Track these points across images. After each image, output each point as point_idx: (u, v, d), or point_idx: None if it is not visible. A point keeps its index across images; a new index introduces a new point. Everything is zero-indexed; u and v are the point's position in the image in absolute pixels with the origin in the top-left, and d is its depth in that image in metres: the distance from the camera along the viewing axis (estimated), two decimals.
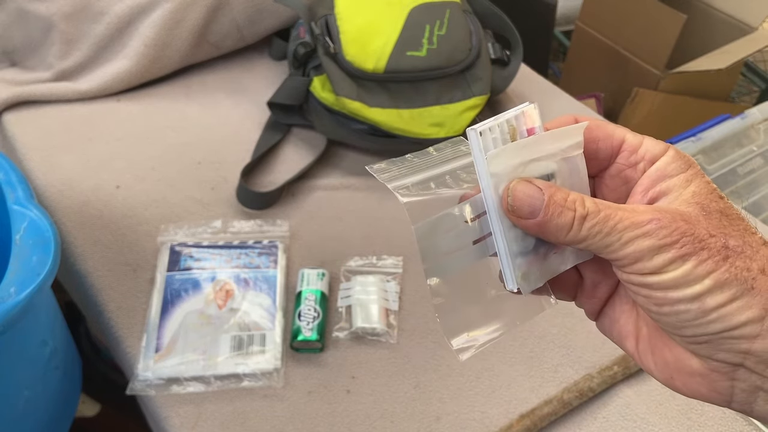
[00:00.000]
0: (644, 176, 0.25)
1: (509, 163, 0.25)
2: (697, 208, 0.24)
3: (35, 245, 0.45)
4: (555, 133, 0.25)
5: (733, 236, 0.23)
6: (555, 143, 0.25)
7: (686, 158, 0.25)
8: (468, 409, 0.54)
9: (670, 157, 0.25)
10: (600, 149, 0.26)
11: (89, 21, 0.78)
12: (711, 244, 0.23)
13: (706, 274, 0.22)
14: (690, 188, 0.24)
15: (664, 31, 1.24)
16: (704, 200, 0.24)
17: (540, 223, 0.24)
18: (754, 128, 1.04)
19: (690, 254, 0.23)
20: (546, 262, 0.27)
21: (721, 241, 0.23)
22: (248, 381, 0.54)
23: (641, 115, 1.28)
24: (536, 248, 0.26)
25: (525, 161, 0.25)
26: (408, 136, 0.70)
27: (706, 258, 0.23)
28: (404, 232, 0.67)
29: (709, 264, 0.23)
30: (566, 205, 0.23)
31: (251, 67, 0.87)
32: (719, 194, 0.25)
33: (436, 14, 0.72)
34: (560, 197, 0.24)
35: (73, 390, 0.61)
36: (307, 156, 0.75)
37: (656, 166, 0.25)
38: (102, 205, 0.67)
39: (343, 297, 0.60)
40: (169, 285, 0.58)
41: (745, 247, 0.23)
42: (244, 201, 0.68)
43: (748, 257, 0.23)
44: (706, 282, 0.22)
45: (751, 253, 0.23)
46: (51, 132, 0.75)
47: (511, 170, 0.25)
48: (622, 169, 0.26)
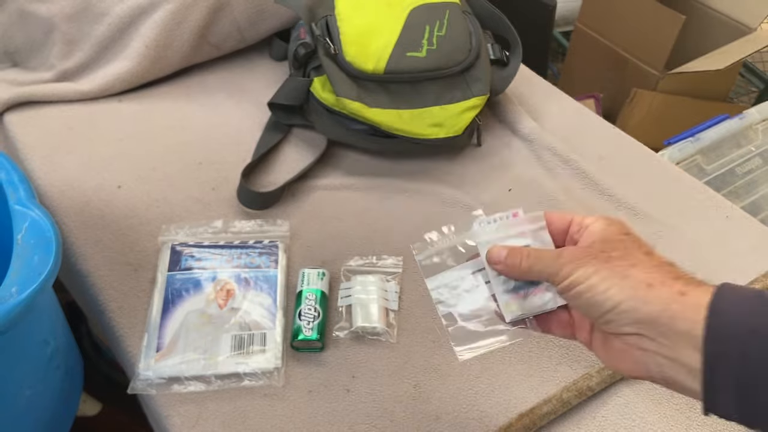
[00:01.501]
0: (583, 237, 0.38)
1: (495, 236, 0.41)
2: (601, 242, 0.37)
3: (37, 245, 0.45)
4: (526, 217, 0.41)
5: (618, 250, 0.36)
6: (526, 225, 0.41)
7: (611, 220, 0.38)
8: (467, 408, 0.54)
9: (599, 221, 0.38)
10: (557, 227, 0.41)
11: (90, 22, 0.79)
12: (598, 256, 0.36)
13: (593, 273, 0.35)
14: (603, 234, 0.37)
15: (662, 31, 1.24)
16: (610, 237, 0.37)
17: (504, 264, 0.40)
18: (753, 128, 1.04)
19: (583, 263, 0.36)
20: (526, 300, 0.40)
21: (607, 254, 0.36)
22: (249, 380, 0.54)
23: (640, 115, 1.28)
24: (516, 289, 0.41)
25: (508, 235, 0.41)
26: (408, 137, 0.70)
27: (594, 264, 0.35)
28: (404, 232, 0.68)
29: (595, 266, 0.35)
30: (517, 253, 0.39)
31: (252, 68, 0.87)
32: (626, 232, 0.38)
33: (436, 15, 0.72)
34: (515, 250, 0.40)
35: (74, 389, 0.62)
36: (307, 156, 0.75)
37: (589, 229, 0.38)
38: (103, 205, 0.67)
39: (343, 296, 0.60)
40: (170, 285, 0.59)
41: (625, 254, 0.36)
42: (245, 201, 0.68)
43: (625, 259, 0.35)
44: (593, 277, 0.35)
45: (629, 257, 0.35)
46: (52, 132, 0.75)
47: (497, 241, 0.41)
48: (572, 235, 0.39)
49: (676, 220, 0.70)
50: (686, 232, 0.69)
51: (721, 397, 0.32)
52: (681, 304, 0.33)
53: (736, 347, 0.31)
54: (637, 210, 0.71)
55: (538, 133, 0.78)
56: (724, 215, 0.71)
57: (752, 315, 0.32)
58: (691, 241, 0.68)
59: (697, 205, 0.72)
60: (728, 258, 0.67)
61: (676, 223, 0.70)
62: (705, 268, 0.66)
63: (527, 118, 0.80)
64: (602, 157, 0.78)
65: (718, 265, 0.66)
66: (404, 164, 0.75)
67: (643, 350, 0.34)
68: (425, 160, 0.76)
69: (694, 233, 0.69)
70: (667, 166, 0.77)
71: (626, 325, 0.34)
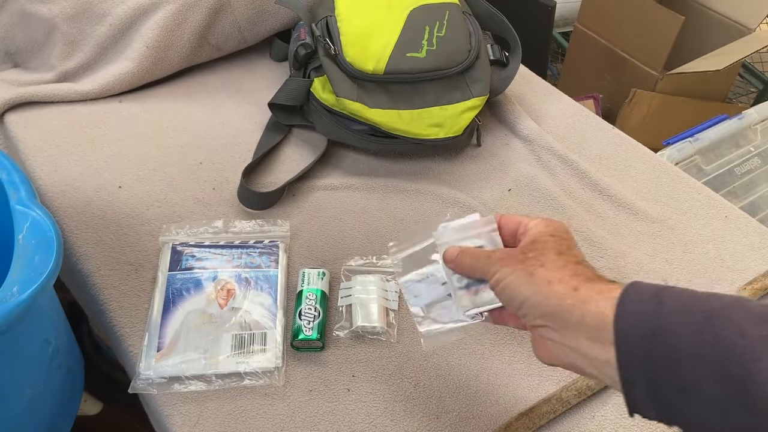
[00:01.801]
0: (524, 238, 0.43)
1: (454, 237, 0.46)
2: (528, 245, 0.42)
3: (38, 245, 0.45)
4: (481, 220, 0.46)
5: (533, 251, 0.41)
6: (481, 228, 0.46)
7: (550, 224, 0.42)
8: (467, 407, 0.54)
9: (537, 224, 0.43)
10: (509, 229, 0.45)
11: (91, 22, 0.79)
12: (517, 257, 0.41)
13: (510, 272, 0.40)
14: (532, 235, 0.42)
15: (662, 32, 1.25)
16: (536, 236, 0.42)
17: (454, 263, 0.45)
18: (752, 129, 1.04)
19: (504, 264, 0.41)
20: (477, 296, 0.45)
21: (524, 255, 0.41)
22: (249, 380, 0.54)
23: (639, 115, 1.28)
24: (468, 286, 0.45)
25: (465, 237, 0.46)
26: (408, 137, 0.71)
27: (512, 264, 0.41)
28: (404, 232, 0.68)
29: (512, 265, 0.41)
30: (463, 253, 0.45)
31: (252, 69, 0.87)
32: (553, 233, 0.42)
33: (436, 16, 0.72)
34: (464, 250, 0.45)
35: (75, 388, 0.62)
36: (307, 156, 0.75)
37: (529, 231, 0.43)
38: (104, 205, 0.67)
39: (343, 296, 0.60)
40: (171, 284, 0.59)
41: (538, 256, 0.40)
42: (245, 201, 0.68)
43: (536, 260, 0.40)
44: (510, 276, 0.40)
45: (540, 258, 0.40)
46: (53, 132, 0.75)
47: (455, 242, 0.46)
48: (519, 236, 0.44)
49: (675, 220, 0.71)
50: (685, 232, 0.69)
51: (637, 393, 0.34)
52: (573, 299, 0.37)
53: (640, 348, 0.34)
54: (636, 210, 0.71)
55: (537, 133, 0.78)
56: (722, 215, 0.71)
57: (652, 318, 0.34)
58: (690, 241, 0.68)
59: (695, 205, 0.72)
60: (727, 258, 0.67)
61: (675, 223, 0.70)
62: (704, 267, 0.66)
63: (527, 118, 0.80)
64: (601, 157, 0.78)
65: (716, 265, 0.66)
66: (404, 164, 0.75)
67: (552, 341, 0.39)
68: (425, 160, 0.76)
69: (693, 233, 0.69)
70: (666, 167, 0.78)
71: (536, 318, 0.39)
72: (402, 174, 0.74)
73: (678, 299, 0.34)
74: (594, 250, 0.67)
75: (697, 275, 0.65)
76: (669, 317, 0.33)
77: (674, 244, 0.68)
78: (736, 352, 0.31)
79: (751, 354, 0.30)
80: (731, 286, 0.64)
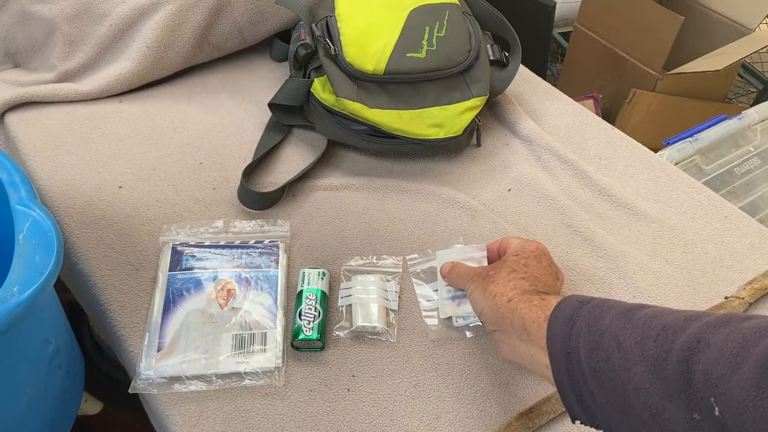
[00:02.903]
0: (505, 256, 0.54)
1: (451, 258, 0.59)
2: (498, 263, 0.53)
3: (38, 245, 0.45)
4: (476, 247, 0.60)
5: (495, 269, 0.51)
6: (476, 253, 0.59)
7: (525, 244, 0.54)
8: (467, 407, 0.54)
9: (512, 244, 0.55)
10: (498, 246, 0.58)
11: (92, 22, 0.79)
12: (482, 275, 0.52)
13: (475, 288, 0.52)
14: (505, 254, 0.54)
15: (661, 32, 1.25)
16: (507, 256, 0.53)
17: (447, 277, 0.58)
18: (751, 129, 1.05)
19: (474, 281, 0.52)
20: (459, 307, 0.58)
21: (486, 272, 0.52)
22: (249, 380, 0.54)
23: (639, 115, 1.28)
24: (453, 298, 0.58)
25: (462, 259, 0.59)
26: (408, 137, 0.71)
27: (477, 281, 0.52)
28: (404, 232, 0.68)
29: (477, 282, 0.52)
30: (452, 268, 0.58)
31: (252, 69, 0.88)
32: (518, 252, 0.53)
33: (436, 16, 0.72)
34: (455, 266, 0.58)
35: (75, 388, 0.62)
36: (307, 156, 0.75)
37: (509, 250, 0.55)
38: (105, 205, 0.67)
39: (343, 296, 0.60)
40: (171, 284, 0.59)
41: (495, 274, 0.51)
42: (246, 201, 0.68)
43: (491, 277, 0.50)
44: (474, 291, 0.52)
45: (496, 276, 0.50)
46: (54, 132, 0.75)
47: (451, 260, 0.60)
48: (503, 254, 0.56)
49: (675, 220, 0.71)
50: (685, 232, 0.69)
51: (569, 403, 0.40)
52: (506, 308, 0.47)
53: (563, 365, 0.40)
54: (636, 210, 0.71)
55: (537, 133, 0.78)
56: (722, 215, 0.71)
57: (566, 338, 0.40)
58: (689, 241, 0.69)
59: (695, 205, 0.72)
60: (727, 258, 0.67)
61: (674, 224, 0.70)
62: (703, 267, 0.66)
63: (527, 118, 0.80)
64: (601, 157, 0.78)
65: (716, 265, 0.66)
66: (404, 164, 0.75)
67: (502, 342, 0.49)
68: (425, 160, 0.76)
69: (693, 233, 0.69)
70: (665, 167, 0.78)
71: (489, 324, 0.50)
72: (402, 174, 0.74)
73: (586, 318, 0.40)
74: (594, 250, 0.67)
75: (696, 275, 0.65)
76: (577, 338, 0.39)
77: (674, 244, 0.68)
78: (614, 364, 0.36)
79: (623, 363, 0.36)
80: (731, 286, 0.64)
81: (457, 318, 0.58)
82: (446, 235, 0.68)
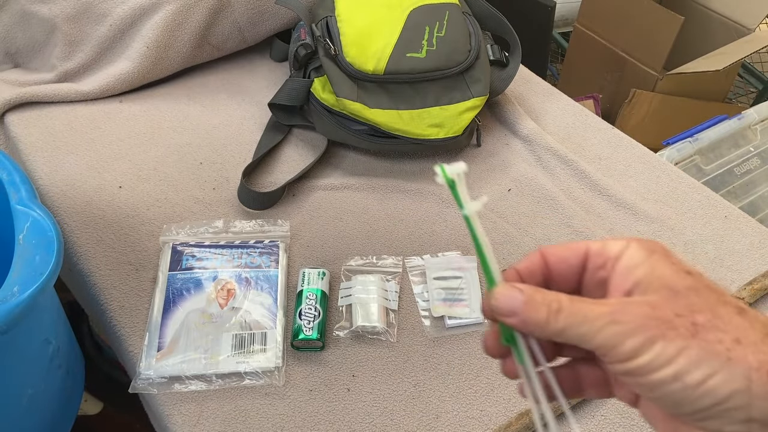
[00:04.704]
0: (614, 275, 0.27)
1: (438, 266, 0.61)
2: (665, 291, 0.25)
3: (38, 245, 0.45)
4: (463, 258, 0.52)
5: (702, 312, 0.24)
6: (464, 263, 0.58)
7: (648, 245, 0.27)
8: (467, 407, 0.54)
9: (633, 249, 0.27)
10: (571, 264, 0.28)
11: (92, 23, 0.79)
12: (678, 324, 0.24)
13: (677, 353, 0.24)
14: (656, 273, 0.26)
15: (661, 32, 1.25)
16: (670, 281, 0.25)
17: (521, 319, 0.26)
18: (751, 129, 1.05)
19: (657, 336, 0.24)
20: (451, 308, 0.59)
21: (689, 319, 0.24)
22: (249, 379, 0.54)
23: (639, 116, 1.28)
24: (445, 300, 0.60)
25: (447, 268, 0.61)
26: (408, 137, 0.71)
27: (674, 337, 0.24)
28: (404, 232, 0.68)
29: (678, 343, 0.24)
30: (542, 301, 0.26)
31: (252, 69, 0.88)
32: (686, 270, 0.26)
33: (436, 16, 0.72)
34: (539, 296, 0.26)
35: (75, 388, 0.62)
36: (307, 156, 0.75)
37: (621, 262, 0.27)
38: (105, 205, 0.67)
39: (343, 296, 0.60)
40: (171, 284, 0.59)
41: (715, 321, 0.24)
42: (246, 201, 0.68)
43: (720, 330, 0.24)
44: (679, 360, 0.23)
45: (723, 325, 0.24)
46: (54, 132, 0.75)
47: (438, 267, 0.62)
48: (594, 272, 0.28)
49: (675, 221, 0.71)
50: (685, 232, 0.69)
51: None
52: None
53: None
54: (636, 210, 0.71)
55: (537, 133, 0.78)
56: (722, 215, 0.71)
57: None
58: (689, 241, 0.69)
59: (695, 206, 0.72)
60: (726, 258, 0.67)
61: (674, 224, 0.70)
62: (703, 267, 0.66)
63: (527, 118, 0.80)
64: (601, 157, 0.78)
65: (716, 265, 0.66)
66: (404, 164, 0.75)
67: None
68: (425, 160, 0.76)
69: (693, 233, 0.69)
70: (665, 167, 0.78)
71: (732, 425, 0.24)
72: (402, 174, 0.74)
73: None
74: None
75: None
76: None
77: (674, 244, 0.68)
78: None
79: None
80: (731, 286, 0.64)
81: (449, 318, 0.59)
82: (446, 235, 0.68)
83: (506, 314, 0.27)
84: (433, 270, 0.62)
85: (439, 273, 0.62)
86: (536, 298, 0.26)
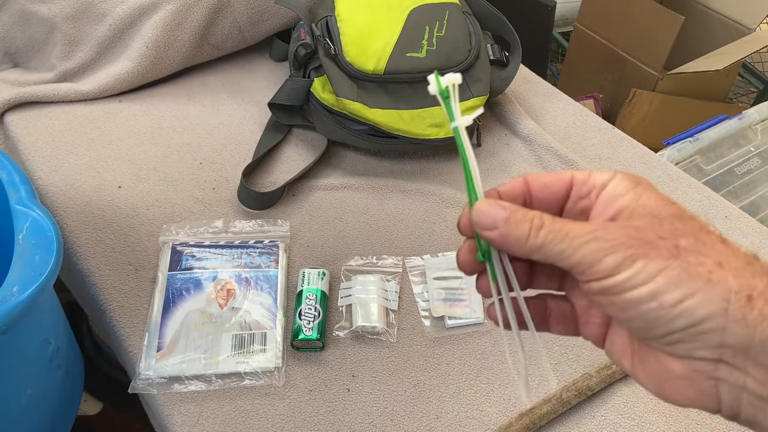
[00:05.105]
0: (598, 203, 0.27)
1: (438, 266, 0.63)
2: (648, 217, 0.25)
3: (38, 245, 0.45)
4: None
5: (685, 236, 0.24)
6: None
7: (634, 177, 0.27)
8: (467, 407, 0.54)
9: (618, 179, 0.27)
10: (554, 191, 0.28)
11: (91, 22, 0.79)
12: (660, 245, 0.24)
13: (657, 272, 0.23)
14: (640, 201, 0.26)
15: (662, 32, 1.24)
16: (655, 209, 0.25)
17: (501, 233, 0.26)
18: (752, 129, 1.04)
19: (638, 254, 0.24)
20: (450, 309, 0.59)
21: (672, 242, 0.24)
22: (249, 380, 0.54)
23: (639, 115, 1.28)
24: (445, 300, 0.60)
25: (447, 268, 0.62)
26: (408, 137, 0.71)
27: (655, 257, 0.23)
28: (404, 232, 0.68)
29: (659, 262, 0.23)
30: (525, 218, 0.26)
31: (252, 68, 0.87)
32: (670, 201, 0.26)
33: (436, 16, 0.72)
34: (520, 212, 0.26)
35: (75, 388, 0.62)
36: (307, 156, 0.75)
37: (606, 190, 0.27)
38: (104, 205, 0.67)
39: (343, 296, 0.60)
40: (171, 284, 0.59)
41: (698, 245, 0.24)
42: (245, 201, 0.68)
43: (702, 254, 0.24)
44: (658, 279, 0.23)
45: (706, 250, 0.24)
46: (53, 132, 0.75)
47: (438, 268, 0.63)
48: (577, 201, 0.28)
49: None
50: None
51: None
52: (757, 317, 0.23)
53: None
54: None
55: (537, 133, 0.78)
56: (722, 215, 0.71)
57: None
58: None
59: (695, 205, 0.72)
60: None
61: None
62: None
63: (527, 118, 0.80)
64: (601, 157, 0.78)
65: None
66: (404, 164, 0.75)
67: (718, 380, 0.24)
68: (425, 160, 0.76)
69: None
70: (666, 167, 0.78)
71: (703, 349, 0.24)
72: (402, 174, 0.74)
73: None
74: None
75: None
76: None
77: None
78: None
79: None
80: None
81: (449, 318, 0.59)
82: (446, 235, 0.68)
83: (487, 227, 0.27)
84: (433, 270, 0.62)
85: (439, 273, 0.62)
86: (518, 215, 0.26)
